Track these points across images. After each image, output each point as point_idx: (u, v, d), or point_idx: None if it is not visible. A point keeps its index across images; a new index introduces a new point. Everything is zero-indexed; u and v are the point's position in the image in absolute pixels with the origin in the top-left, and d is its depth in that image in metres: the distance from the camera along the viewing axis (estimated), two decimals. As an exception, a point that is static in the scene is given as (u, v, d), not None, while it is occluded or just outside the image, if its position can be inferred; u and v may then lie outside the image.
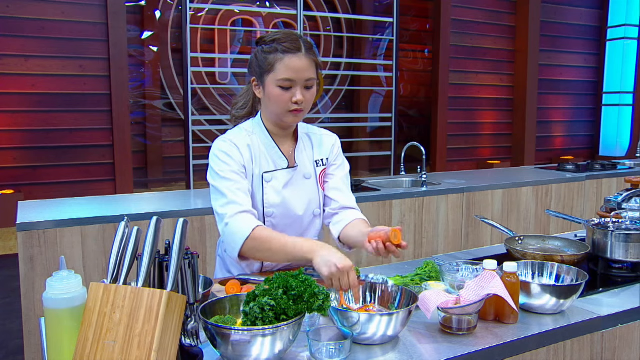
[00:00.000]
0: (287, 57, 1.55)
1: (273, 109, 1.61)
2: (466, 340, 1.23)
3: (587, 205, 4.28)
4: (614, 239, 1.72)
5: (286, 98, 1.57)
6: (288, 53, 1.56)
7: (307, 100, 1.60)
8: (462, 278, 1.46)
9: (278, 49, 1.56)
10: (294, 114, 1.60)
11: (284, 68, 1.55)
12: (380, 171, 7.17)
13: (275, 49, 1.57)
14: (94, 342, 1.01)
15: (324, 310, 1.14)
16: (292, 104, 1.58)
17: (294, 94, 1.57)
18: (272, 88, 1.58)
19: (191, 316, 1.12)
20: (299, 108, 1.59)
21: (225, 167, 1.59)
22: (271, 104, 1.60)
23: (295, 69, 1.55)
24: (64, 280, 1.06)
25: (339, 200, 1.74)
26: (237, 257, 1.53)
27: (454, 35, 7.32)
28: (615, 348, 1.43)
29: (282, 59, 1.55)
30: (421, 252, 3.58)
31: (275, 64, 1.56)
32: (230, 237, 1.53)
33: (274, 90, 1.57)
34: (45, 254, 2.54)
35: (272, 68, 1.57)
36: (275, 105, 1.60)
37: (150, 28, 6.19)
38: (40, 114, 5.29)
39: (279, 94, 1.57)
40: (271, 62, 1.57)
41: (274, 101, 1.59)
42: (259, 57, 1.61)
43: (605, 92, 8.64)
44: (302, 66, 1.56)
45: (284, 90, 1.57)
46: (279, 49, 1.56)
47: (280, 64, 1.55)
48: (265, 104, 1.65)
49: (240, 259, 1.55)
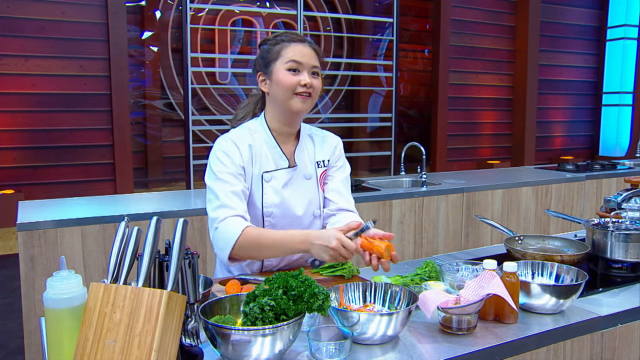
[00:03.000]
0: (293, 44, 1.61)
1: (281, 95, 1.61)
2: (466, 340, 1.23)
3: (587, 205, 4.28)
4: (614, 239, 1.72)
5: (294, 81, 1.59)
6: (293, 42, 1.61)
7: (315, 86, 1.62)
8: (462, 278, 1.46)
9: (284, 39, 1.62)
10: (302, 99, 1.61)
11: (291, 52, 1.60)
12: (380, 171, 7.17)
13: (281, 39, 1.63)
14: (94, 342, 1.00)
15: (324, 310, 1.14)
16: (300, 87, 1.59)
17: (301, 77, 1.60)
18: (281, 72, 1.60)
19: (191, 316, 1.11)
20: (307, 91, 1.60)
21: (222, 168, 1.60)
22: (279, 89, 1.61)
23: (302, 53, 1.60)
24: (64, 280, 1.06)
25: (337, 202, 1.74)
26: (227, 260, 1.53)
27: (454, 35, 7.32)
28: (615, 348, 1.43)
29: (287, 46, 1.61)
30: (421, 252, 3.58)
31: (282, 50, 1.61)
32: (220, 240, 1.53)
33: (283, 74, 1.60)
34: (45, 254, 2.54)
35: (278, 55, 1.61)
36: (282, 90, 1.60)
37: (150, 28, 6.19)
38: (40, 114, 5.29)
39: (287, 76, 1.59)
40: (278, 50, 1.61)
41: (282, 85, 1.60)
42: (263, 51, 1.65)
43: (605, 92, 8.64)
44: (308, 52, 1.61)
45: (293, 73, 1.59)
46: (285, 38, 1.62)
47: (287, 49, 1.60)
48: (273, 95, 1.65)
49: (230, 262, 1.55)
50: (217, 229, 1.53)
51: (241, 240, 1.50)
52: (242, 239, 1.50)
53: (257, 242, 1.50)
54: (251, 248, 1.51)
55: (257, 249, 1.51)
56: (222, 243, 1.52)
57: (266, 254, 1.56)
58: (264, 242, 1.50)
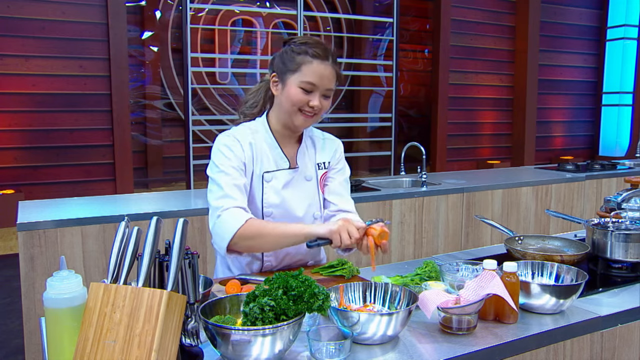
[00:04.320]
0: (316, 62, 1.58)
1: (287, 107, 1.61)
2: (466, 340, 1.23)
3: (587, 205, 4.28)
4: (614, 239, 1.72)
5: (304, 100, 1.59)
6: (317, 58, 1.58)
7: (323, 107, 1.62)
8: (462, 278, 1.46)
9: (308, 52, 1.58)
10: (304, 117, 1.61)
11: (310, 72, 1.57)
12: (380, 171, 7.18)
13: (305, 51, 1.59)
14: (94, 341, 1.00)
15: (324, 310, 1.13)
16: (307, 106, 1.59)
17: (312, 99, 1.59)
18: (294, 88, 1.59)
19: (191, 316, 1.11)
20: (313, 112, 1.60)
21: (225, 161, 1.60)
22: (287, 101, 1.61)
23: (321, 75, 1.58)
24: (65, 280, 1.06)
25: (337, 203, 1.75)
26: (225, 250, 1.53)
27: (454, 36, 7.32)
28: (615, 348, 1.43)
29: (310, 62, 1.57)
30: (421, 252, 3.58)
31: (303, 65, 1.58)
32: (221, 229, 1.52)
33: (295, 90, 1.58)
34: (45, 254, 2.54)
35: (298, 68, 1.58)
36: (290, 104, 1.60)
37: (150, 28, 6.20)
38: (40, 114, 5.30)
39: (298, 93, 1.58)
40: (299, 62, 1.58)
41: (290, 100, 1.60)
42: (286, 55, 1.62)
43: (605, 92, 8.65)
44: (327, 74, 1.59)
45: (305, 92, 1.58)
46: (310, 52, 1.58)
47: (308, 66, 1.57)
48: (280, 101, 1.65)
49: (228, 253, 1.55)
50: (219, 216, 1.53)
51: (242, 230, 1.50)
52: (243, 229, 1.50)
53: (257, 232, 1.51)
54: (251, 238, 1.51)
55: (257, 238, 1.52)
56: (223, 231, 1.52)
57: (265, 243, 1.56)
58: (264, 231, 1.51)
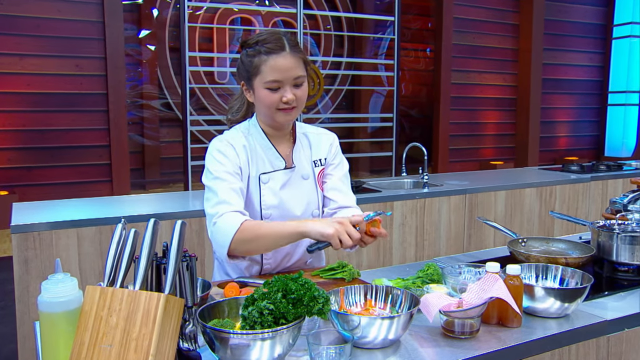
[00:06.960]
0: (271, 58, 1.55)
1: (264, 110, 1.61)
2: (469, 344, 1.22)
3: (592, 207, 4.26)
4: (620, 241, 1.71)
5: (276, 99, 1.57)
6: (272, 54, 1.55)
7: (299, 97, 1.59)
8: (464, 281, 1.45)
9: (261, 50, 1.56)
10: (285, 113, 1.60)
11: (269, 70, 1.55)
12: (381, 172, 7.16)
13: (259, 51, 1.56)
14: (90, 346, 1.00)
15: (324, 314, 1.13)
16: (282, 104, 1.57)
17: (283, 94, 1.57)
18: (261, 91, 1.57)
19: (189, 319, 1.11)
20: (290, 107, 1.58)
21: (219, 167, 1.60)
22: (261, 105, 1.60)
23: (281, 69, 1.55)
24: (60, 283, 1.06)
25: (338, 200, 1.73)
26: (226, 255, 1.52)
27: (457, 34, 7.31)
28: (622, 353, 1.41)
29: (266, 60, 1.55)
30: (423, 255, 3.56)
31: (261, 66, 1.55)
32: (218, 235, 1.51)
33: (263, 92, 1.57)
34: (40, 257, 2.52)
35: (258, 71, 1.56)
36: (266, 107, 1.59)
37: (147, 27, 6.18)
38: (35, 113, 5.28)
39: (267, 95, 1.57)
40: (257, 64, 1.56)
41: (263, 103, 1.59)
42: (244, 61, 1.61)
43: (611, 92, 8.60)
44: (288, 65, 1.55)
45: (273, 91, 1.56)
46: (262, 50, 1.55)
47: (265, 65, 1.55)
48: (257, 106, 1.65)
49: (230, 259, 1.54)
50: (215, 224, 1.52)
51: (239, 235, 1.48)
52: (239, 233, 1.49)
53: (254, 234, 1.49)
54: (248, 241, 1.49)
55: (254, 241, 1.50)
56: (221, 237, 1.51)
57: (262, 245, 1.54)
58: (260, 233, 1.49)
